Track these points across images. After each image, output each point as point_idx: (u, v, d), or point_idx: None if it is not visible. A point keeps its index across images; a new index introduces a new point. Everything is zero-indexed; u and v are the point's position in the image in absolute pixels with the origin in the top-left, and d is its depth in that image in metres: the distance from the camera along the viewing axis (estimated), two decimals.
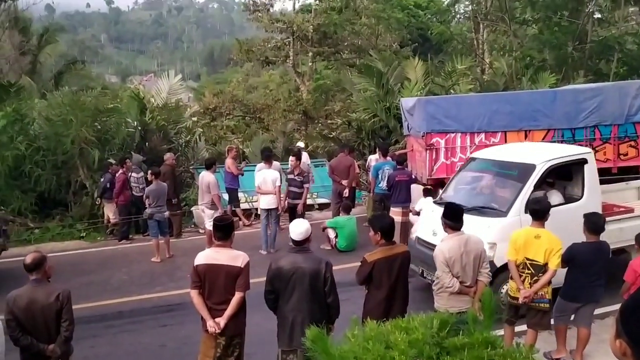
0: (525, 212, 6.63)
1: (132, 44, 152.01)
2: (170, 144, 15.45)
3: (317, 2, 22.56)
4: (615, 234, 7.00)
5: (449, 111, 10.45)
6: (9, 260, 9.85)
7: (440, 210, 7.28)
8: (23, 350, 4.54)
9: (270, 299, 4.84)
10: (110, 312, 8.06)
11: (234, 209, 12.33)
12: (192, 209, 13.32)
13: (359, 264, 5.16)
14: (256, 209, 13.08)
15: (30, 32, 24.31)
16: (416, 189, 10.52)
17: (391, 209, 10.07)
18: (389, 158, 11.36)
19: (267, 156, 10.94)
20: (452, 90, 15.66)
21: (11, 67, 21.20)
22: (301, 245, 4.82)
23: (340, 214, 10.92)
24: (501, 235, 6.61)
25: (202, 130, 18.52)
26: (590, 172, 7.32)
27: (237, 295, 4.80)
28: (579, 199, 7.36)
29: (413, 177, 10.59)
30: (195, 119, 19.19)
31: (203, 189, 10.56)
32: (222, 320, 4.76)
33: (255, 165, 12.69)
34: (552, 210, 5.95)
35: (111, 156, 13.67)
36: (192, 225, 13.17)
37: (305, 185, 11.08)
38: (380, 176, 11.00)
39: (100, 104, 14.31)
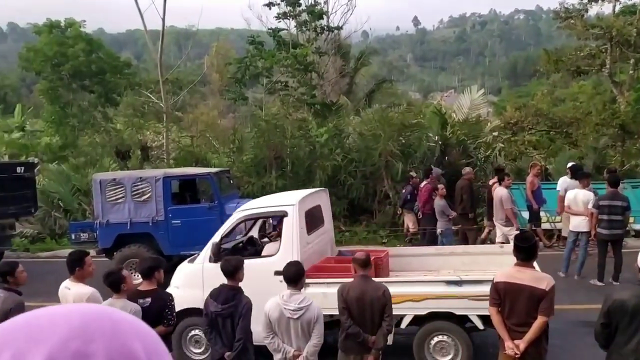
0: (210, 262, 6.57)
1: (434, 62, 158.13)
2: (469, 158, 15.51)
3: None
4: (318, 299, 5.57)
5: None
6: None
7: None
8: (347, 337, 5.06)
9: (604, 332, 4.25)
10: None
11: (534, 228, 11.67)
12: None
13: None
14: (559, 230, 12.15)
15: (349, 56, 27.45)
16: None
17: None
18: None
19: (583, 175, 10.06)
20: None
21: (332, 89, 24.23)
22: None
23: None
24: (183, 280, 6.92)
25: (502, 145, 18.06)
26: (288, 227, 6.63)
27: (540, 320, 4.52)
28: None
29: None
30: (495, 133, 18.83)
31: (496, 203, 10.32)
32: (522, 344, 4.54)
33: (555, 183, 11.77)
34: (246, 262, 5.49)
35: (412, 169, 14.44)
36: (488, 241, 12.93)
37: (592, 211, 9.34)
38: None
39: (405, 120, 15.36)
